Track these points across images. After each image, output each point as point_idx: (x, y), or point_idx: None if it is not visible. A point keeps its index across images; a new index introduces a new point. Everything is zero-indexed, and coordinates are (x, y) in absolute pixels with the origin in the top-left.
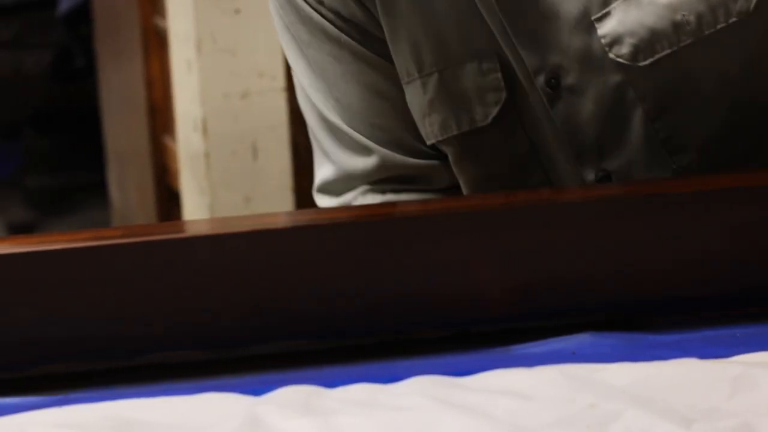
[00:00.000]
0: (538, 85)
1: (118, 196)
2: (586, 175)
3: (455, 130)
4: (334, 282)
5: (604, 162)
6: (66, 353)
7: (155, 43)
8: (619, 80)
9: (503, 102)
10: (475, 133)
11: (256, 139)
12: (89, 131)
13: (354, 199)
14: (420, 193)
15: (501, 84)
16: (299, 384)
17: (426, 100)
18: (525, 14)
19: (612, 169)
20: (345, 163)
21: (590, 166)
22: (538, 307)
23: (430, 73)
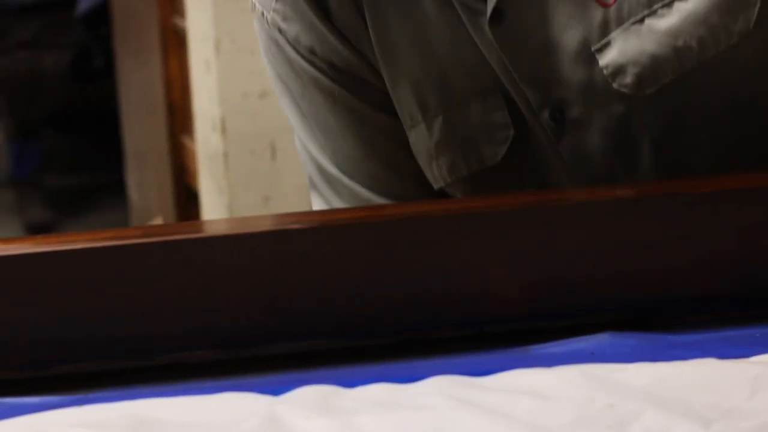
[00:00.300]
0: (543, 120)
1: (137, 196)
2: None
3: (465, 172)
4: (352, 282)
5: None
6: (85, 353)
7: (174, 42)
8: (624, 110)
9: (511, 139)
10: (485, 173)
11: (275, 139)
12: (108, 131)
13: None
14: None
15: (508, 121)
16: (318, 384)
17: (433, 144)
18: (525, 49)
19: None
20: None
21: None
22: (557, 307)
23: (435, 116)
